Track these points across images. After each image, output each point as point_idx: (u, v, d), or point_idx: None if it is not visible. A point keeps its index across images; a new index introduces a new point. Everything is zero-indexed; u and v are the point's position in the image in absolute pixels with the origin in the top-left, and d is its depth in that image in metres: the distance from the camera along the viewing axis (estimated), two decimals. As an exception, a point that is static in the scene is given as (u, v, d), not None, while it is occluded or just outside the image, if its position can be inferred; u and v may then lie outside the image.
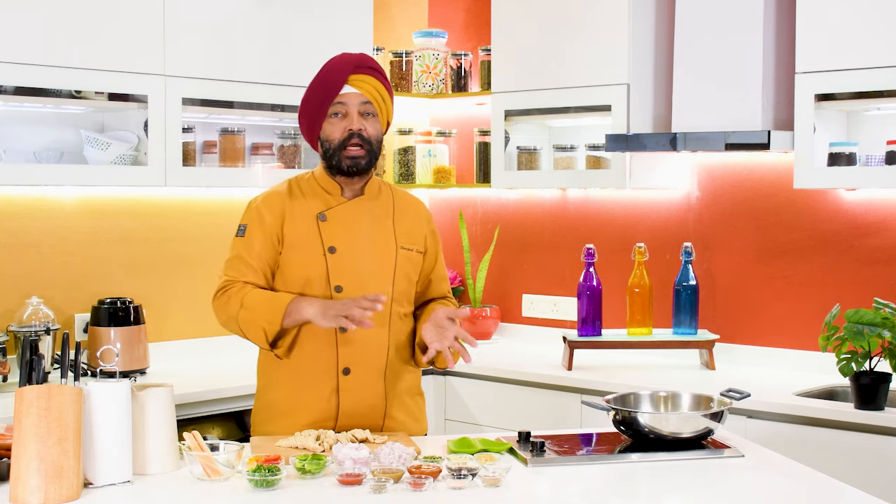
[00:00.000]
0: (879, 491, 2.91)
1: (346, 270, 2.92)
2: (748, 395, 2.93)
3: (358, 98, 2.93)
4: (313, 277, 2.92)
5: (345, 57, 2.98)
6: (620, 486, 2.55)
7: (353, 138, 2.91)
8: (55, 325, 3.75)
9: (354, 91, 2.93)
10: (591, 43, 4.25)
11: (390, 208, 3.03)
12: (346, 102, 2.93)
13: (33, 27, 3.55)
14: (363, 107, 2.93)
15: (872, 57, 3.56)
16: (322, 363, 2.92)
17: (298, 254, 2.92)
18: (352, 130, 2.91)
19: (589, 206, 4.64)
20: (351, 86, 2.92)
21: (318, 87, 2.95)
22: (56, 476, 2.30)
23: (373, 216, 2.99)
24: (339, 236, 2.94)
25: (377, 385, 2.95)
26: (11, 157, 3.74)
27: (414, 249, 3.01)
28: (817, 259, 4.04)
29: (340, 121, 2.93)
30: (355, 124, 2.92)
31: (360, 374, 2.93)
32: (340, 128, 2.92)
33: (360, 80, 2.93)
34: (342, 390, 2.92)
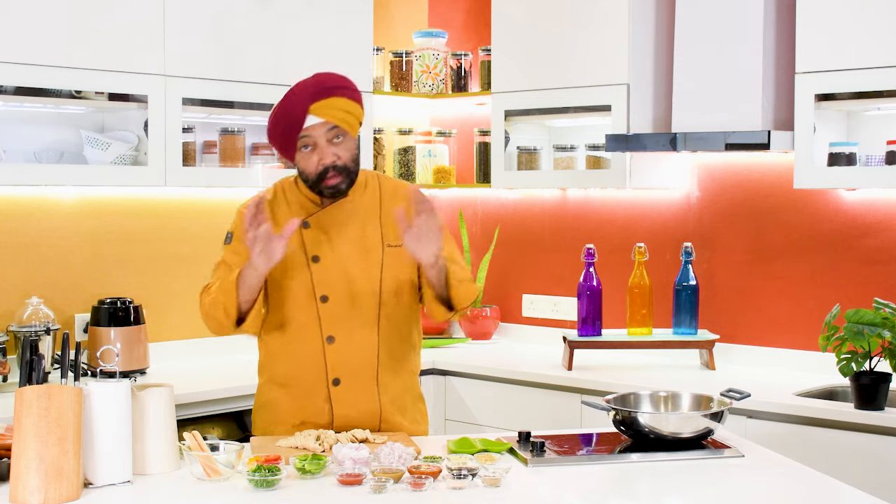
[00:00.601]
0: (879, 491, 2.91)
1: (330, 279, 2.90)
2: (748, 395, 2.93)
3: (323, 127, 2.80)
4: (298, 287, 2.90)
5: (302, 87, 2.83)
6: (620, 486, 2.55)
7: (329, 171, 2.84)
8: (55, 325, 3.75)
9: (319, 121, 2.80)
10: (591, 43, 4.25)
11: (377, 204, 2.97)
12: (312, 134, 2.81)
13: (33, 27, 3.55)
14: (330, 133, 2.81)
15: (872, 57, 3.56)
16: (312, 374, 2.92)
17: (283, 264, 2.88)
18: (325, 165, 2.83)
19: (589, 206, 4.64)
20: (314, 115, 2.79)
21: (280, 121, 2.82)
22: (56, 476, 2.30)
23: (357, 217, 2.94)
24: (321, 244, 2.91)
25: (370, 392, 2.94)
26: (11, 157, 3.74)
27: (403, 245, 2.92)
28: (817, 259, 4.04)
29: (311, 154, 2.83)
30: (328, 158, 2.82)
31: (351, 383, 2.92)
32: (313, 162, 2.83)
33: (321, 107, 2.79)
34: (334, 400, 2.92)
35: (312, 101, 2.79)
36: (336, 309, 2.90)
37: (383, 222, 2.96)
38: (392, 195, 3.00)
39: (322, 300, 2.90)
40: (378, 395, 2.95)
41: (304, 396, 2.93)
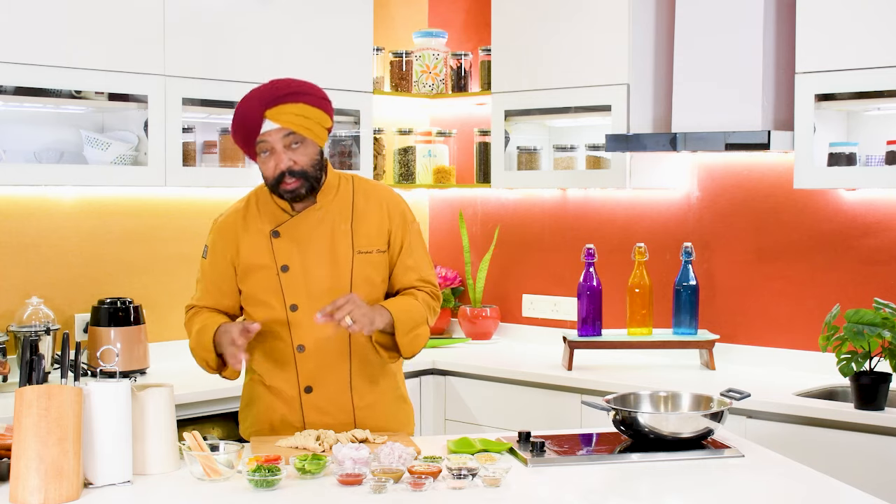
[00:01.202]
0: (879, 491, 2.91)
1: (299, 289, 2.90)
2: (748, 395, 2.93)
3: (279, 133, 2.80)
4: (269, 297, 2.92)
5: (254, 95, 2.83)
6: (620, 486, 2.55)
7: (284, 176, 2.83)
8: (55, 325, 3.75)
9: (274, 126, 2.79)
10: (592, 43, 4.25)
11: (348, 210, 2.94)
12: (269, 140, 2.81)
13: (33, 27, 3.54)
14: (287, 139, 2.81)
15: (872, 57, 3.56)
16: (285, 382, 2.94)
17: (255, 275, 2.92)
18: (281, 170, 2.82)
19: (589, 206, 4.64)
20: (270, 120, 2.79)
21: (239, 127, 2.84)
22: (56, 476, 2.30)
23: (326, 225, 2.92)
24: (291, 253, 2.91)
25: (343, 400, 2.94)
26: (11, 157, 3.74)
27: (374, 251, 2.93)
28: (817, 259, 4.04)
29: (269, 158, 2.83)
30: (283, 163, 2.81)
31: (323, 390, 2.93)
32: (270, 167, 2.83)
33: (276, 112, 2.79)
34: (305, 408, 2.93)
35: (266, 107, 2.80)
36: (306, 318, 2.89)
37: (354, 227, 2.93)
38: (365, 196, 2.98)
39: (292, 309, 2.90)
40: (352, 402, 2.94)
41: (281, 404, 2.96)
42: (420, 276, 2.98)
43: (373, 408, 2.97)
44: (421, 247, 3.02)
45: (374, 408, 2.98)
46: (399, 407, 3.05)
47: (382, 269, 2.95)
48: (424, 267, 3.01)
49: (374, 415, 2.97)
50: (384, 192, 3.02)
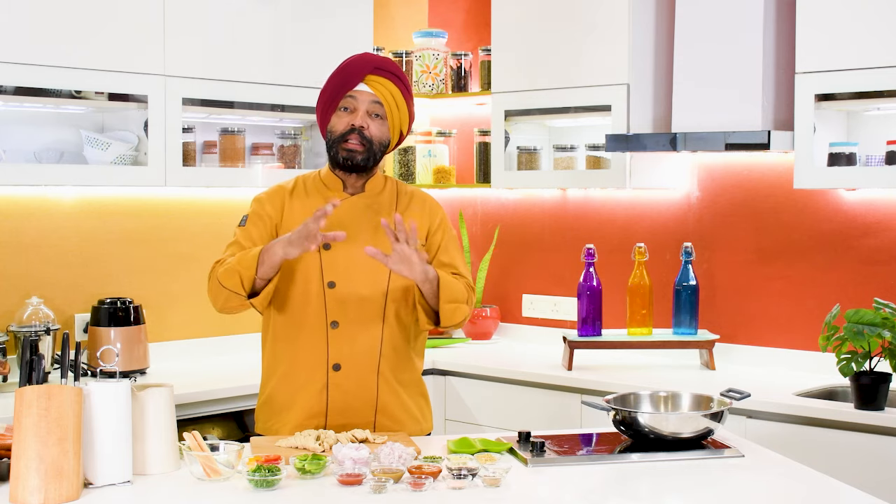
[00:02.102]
0: (879, 491, 2.91)
1: (339, 267, 2.93)
2: (748, 395, 2.93)
3: (369, 97, 2.93)
4: (308, 272, 2.93)
5: (366, 56, 2.99)
6: (620, 486, 2.55)
7: (353, 133, 2.92)
8: (55, 325, 3.75)
9: (367, 90, 2.93)
10: (591, 43, 4.25)
11: (392, 205, 3.03)
12: (357, 98, 2.93)
13: (34, 27, 3.54)
14: (372, 106, 2.93)
15: (872, 57, 3.56)
16: (313, 358, 2.93)
17: None
18: (353, 125, 2.92)
19: (589, 206, 4.64)
20: (366, 84, 2.92)
21: (334, 79, 2.95)
22: (56, 476, 2.30)
23: (372, 212, 2.99)
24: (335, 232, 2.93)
25: (369, 382, 2.95)
26: (11, 157, 3.74)
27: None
28: (817, 259, 4.04)
29: (347, 115, 2.94)
30: (359, 120, 2.92)
31: (351, 370, 2.93)
32: (345, 122, 2.94)
33: (376, 80, 2.92)
34: (331, 386, 2.93)
35: (372, 72, 2.92)
36: (342, 296, 2.92)
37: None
38: (408, 198, 3.07)
39: (329, 286, 2.92)
40: (377, 385, 2.95)
41: (303, 384, 2.94)
42: (455, 271, 3.04)
43: (394, 395, 2.98)
44: (456, 249, 3.08)
45: (395, 396, 2.98)
46: (417, 402, 3.06)
47: None
48: (460, 265, 3.07)
49: (395, 403, 2.98)
50: (426, 198, 3.11)
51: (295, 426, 2.92)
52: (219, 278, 2.89)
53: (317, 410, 2.94)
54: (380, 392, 2.96)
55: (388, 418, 2.98)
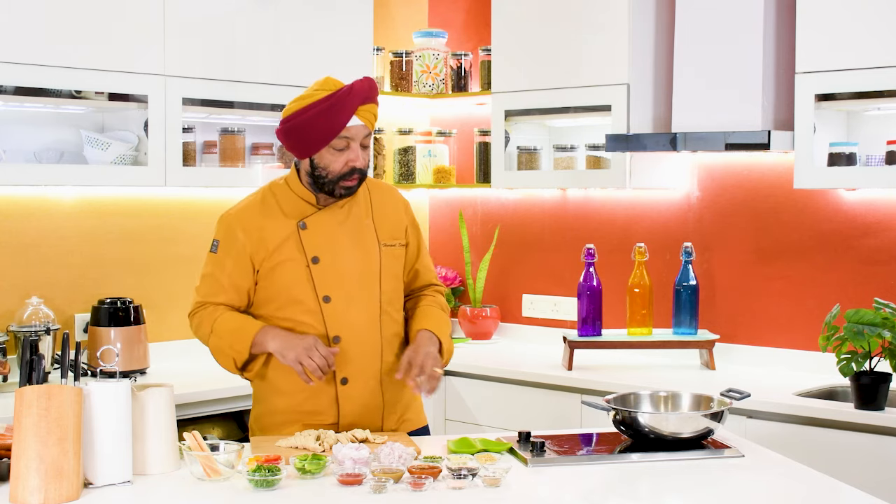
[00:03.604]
0: (879, 491, 2.91)
1: (331, 280, 2.91)
2: (748, 395, 2.93)
3: (363, 131, 2.86)
4: (299, 290, 2.90)
5: (356, 91, 2.83)
6: (620, 486, 2.55)
7: (355, 174, 2.87)
8: (55, 325, 3.75)
9: (360, 123, 2.85)
10: (591, 43, 4.25)
11: (367, 205, 3.00)
12: (352, 137, 2.85)
13: (33, 27, 3.55)
14: (366, 138, 2.88)
15: (872, 57, 3.56)
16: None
17: (282, 268, 2.89)
18: (353, 166, 2.86)
19: (589, 206, 4.64)
20: (358, 117, 2.84)
21: (324, 118, 2.81)
22: (56, 476, 2.30)
23: (352, 218, 2.96)
24: (320, 245, 2.91)
25: (375, 389, 2.95)
26: (11, 157, 3.74)
27: (396, 244, 3.00)
28: (817, 259, 4.04)
29: (342, 153, 2.85)
30: (359, 161, 2.86)
31: (358, 382, 2.93)
32: (341, 161, 2.85)
33: (366, 110, 2.85)
34: (342, 399, 2.93)
35: (363, 102, 2.84)
36: (339, 308, 2.91)
37: (376, 221, 3.00)
38: (379, 193, 3.05)
39: (325, 300, 2.90)
40: (381, 391, 2.96)
41: (311, 399, 2.93)
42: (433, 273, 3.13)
43: (397, 397, 3.00)
44: (424, 244, 3.15)
45: (398, 397, 3.00)
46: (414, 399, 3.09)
47: (402, 262, 3.04)
48: (430, 263, 3.14)
49: (399, 404, 3.00)
50: (394, 192, 3.10)
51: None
52: (211, 352, 2.94)
53: (328, 423, 2.93)
54: (385, 397, 2.97)
55: (392, 418, 2.99)
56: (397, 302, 3.01)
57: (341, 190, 2.89)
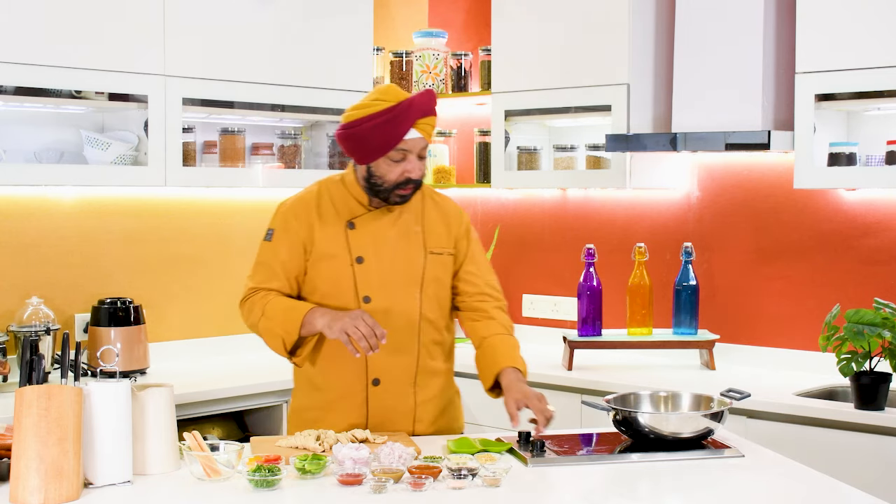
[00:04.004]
0: (879, 491, 2.91)
1: (373, 280, 2.92)
2: (748, 395, 2.93)
3: (420, 143, 2.86)
4: (341, 287, 2.92)
5: (416, 105, 2.83)
6: (620, 486, 2.55)
7: (409, 184, 2.88)
8: (55, 325, 3.75)
9: (418, 136, 2.85)
10: (591, 43, 4.25)
11: (420, 212, 3.00)
12: (410, 149, 2.86)
13: (33, 27, 3.55)
14: (424, 150, 2.89)
15: (872, 57, 3.56)
16: (351, 374, 2.93)
17: (326, 263, 2.92)
18: (409, 177, 2.87)
19: (589, 206, 4.64)
20: (416, 130, 2.84)
21: (382, 130, 2.82)
22: (56, 476, 2.30)
23: (401, 222, 2.97)
24: (366, 245, 2.93)
25: (407, 393, 2.95)
26: (11, 157, 3.74)
27: (444, 252, 2.99)
28: (817, 259, 4.04)
29: (398, 164, 2.86)
30: (417, 172, 2.87)
31: (390, 384, 2.94)
32: (398, 171, 2.86)
33: (425, 123, 2.85)
34: (371, 400, 2.94)
35: (422, 116, 2.84)
36: (378, 309, 2.91)
37: (425, 229, 2.99)
38: (434, 203, 3.04)
39: (365, 301, 2.91)
40: (414, 395, 2.96)
41: (341, 399, 2.94)
42: (486, 281, 3.06)
43: (431, 402, 2.99)
44: (482, 256, 3.10)
45: (432, 402, 2.99)
46: (453, 403, 3.08)
47: (450, 270, 3.02)
48: (488, 274, 3.08)
49: (432, 409, 2.99)
50: (451, 204, 3.09)
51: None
52: (261, 334, 2.93)
53: (357, 423, 2.94)
54: (417, 401, 2.97)
55: (424, 424, 2.98)
56: (440, 310, 2.99)
57: (396, 198, 2.90)
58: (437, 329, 2.99)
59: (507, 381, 2.87)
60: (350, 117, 2.86)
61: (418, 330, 2.94)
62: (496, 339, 2.98)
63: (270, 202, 4.48)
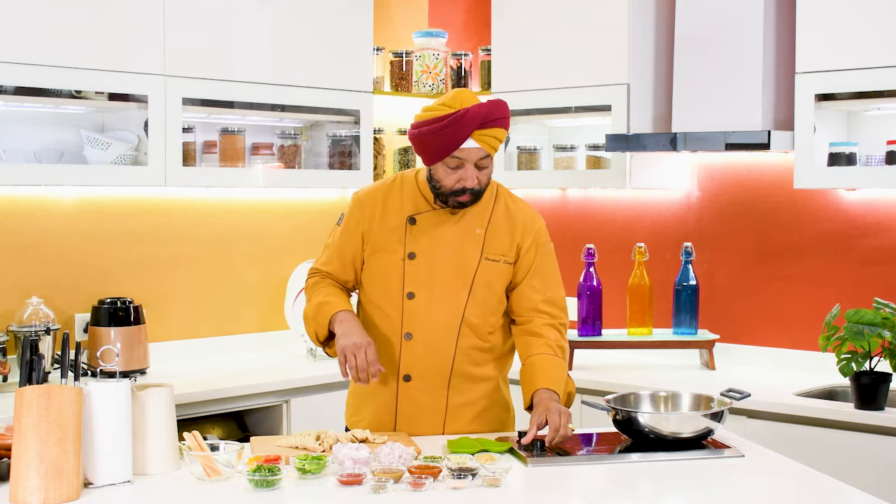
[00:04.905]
0: (879, 491, 2.91)
1: (420, 278, 2.92)
2: (748, 395, 2.93)
3: (478, 153, 2.84)
4: (389, 281, 2.94)
5: (474, 115, 2.80)
6: (620, 486, 2.55)
7: (465, 193, 2.87)
8: (55, 325, 3.75)
9: (476, 146, 2.83)
10: (591, 43, 4.25)
11: (486, 217, 2.97)
12: (465, 158, 2.84)
13: (33, 27, 3.54)
14: (482, 161, 2.86)
15: (872, 57, 3.56)
16: (385, 367, 2.93)
17: (380, 256, 2.95)
18: (465, 186, 2.86)
19: (589, 206, 4.64)
20: (474, 140, 2.82)
21: (437, 137, 2.83)
22: (56, 476, 2.30)
23: (462, 224, 2.95)
24: (421, 243, 2.93)
25: (439, 393, 2.94)
26: (11, 157, 3.74)
27: (502, 260, 2.95)
28: (817, 259, 4.04)
29: (454, 171, 2.86)
30: (471, 181, 2.86)
31: (421, 381, 2.94)
32: (454, 178, 2.86)
33: (484, 135, 2.82)
34: (401, 396, 2.95)
35: (480, 127, 2.82)
36: (420, 307, 2.92)
37: (488, 235, 2.96)
38: (505, 207, 3.00)
39: (409, 297, 2.92)
40: (447, 397, 2.95)
41: (374, 391, 2.97)
42: (545, 298, 2.99)
43: (465, 407, 2.97)
44: (550, 268, 3.02)
45: (466, 407, 2.97)
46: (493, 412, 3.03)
47: (506, 278, 2.97)
48: (551, 288, 3.01)
49: (466, 414, 2.98)
50: (524, 208, 3.04)
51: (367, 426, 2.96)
52: (303, 316, 3.00)
53: (386, 419, 2.96)
54: (449, 403, 2.96)
55: (456, 428, 2.96)
56: (488, 317, 2.96)
57: (454, 202, 2.90)
58: (481, 335, 2.95)
59: (537, 400, 2.85)
60: (418, 118, 2.89)
61: (458, 332, 2.93)
62: (537, 359, 2.93)
63: (270, 202, 4.52)
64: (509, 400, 3.09)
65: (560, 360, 2.94)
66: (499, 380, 3.04)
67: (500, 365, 3.04)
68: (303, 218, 4.60)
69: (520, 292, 2.98)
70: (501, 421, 3.06)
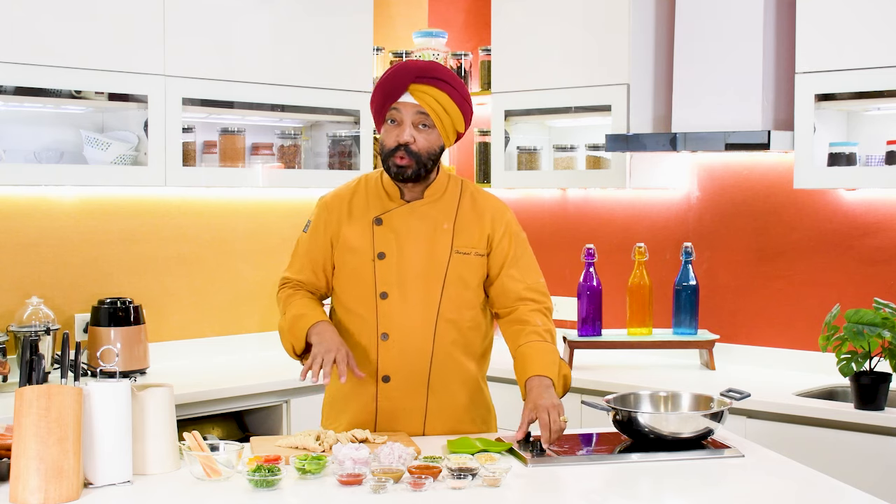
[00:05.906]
0: (879, 491, 2.91)
1: (391, 277, 2.91)
2: (748, 395, 2.93)
3: (413, 108, 2.83)
4: (362, 282, 2.93)
5: (408, 64, 2.86)
6: (620, 486, 2.55)
7: (400, 150, 2.85)
8: (55, 325, 3.75)
9: (411, 100, 2.83)
10: (591, 43, 4.25)
11: (453, 211, 2.96)
12: (401, 110, 2.84)
13: (33, 27, 3.55)
14: (418, 117, 2.83)
15: (872, 57, 3.56)
16: (363, 369, 2.92)
17: (350, 258, 2.94)
18: (399, 142, 2.85)
19: (589, 206, 4.64)
20: (410, 94, 2.83)
21: (378, 90, 2.87)
22: (56, 476, 2.30)
23: (429, 220, 2.94)
24: (389, 242, 2.92)
25: (418, 393, 2.94)
26: (11, 157, 3.74)
27: (472, 252, 2.93)
28: (817, 259, 4.05)
29: (394, 128, 2.86)
30: (405, 136, 2.84)
31: (400, 382, 2.93)
32: (392, 136, 2.86)
33: (420, 89, 2.82)
34: (381, 398, 2.94)
35: (415, 80, 2.83)
36: (394, 306, 2.91)
37: (456, 228, 2.95)
38: (471, 201, 2.99)
39: (381, 297, 2.91)
40: (426, 396, 2.95)
41: (354, 393, 2.96)
42: (527, 285, 2.98)
43: (445, 404, 2.96)
44: (526, 256, 3.02)
45: (446, 404, 2.96)
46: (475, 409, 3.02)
47: (479, 271, 2.96)
48: (531, 275, 3.01)
49: (446, 414, 2.97)
50: (491, 200, 3.03)
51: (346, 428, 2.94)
52: (279, 330, 3.00)
53: (366, 419, 2.95)
54: (429, 403, 2.95)
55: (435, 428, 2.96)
56: (464, 311, 2.95)
57: (393, 166, 2.87)
58: (460, 330, 2.95)
59: (528, 389, 2.84)
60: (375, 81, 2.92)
61: (434, 329, 2.92)
62: (527, 347, 2.91)
63: (270, 202, 4.52)
64: (490, 399, 3.09)
65: (550, 346, 2.93)
66: (479, 379, 3.04)
67: (479, 363, 3.03)
68: (303, 218, 4.55)
69: (501, 284, 2.97)
70: (484, 420, 3.04)
